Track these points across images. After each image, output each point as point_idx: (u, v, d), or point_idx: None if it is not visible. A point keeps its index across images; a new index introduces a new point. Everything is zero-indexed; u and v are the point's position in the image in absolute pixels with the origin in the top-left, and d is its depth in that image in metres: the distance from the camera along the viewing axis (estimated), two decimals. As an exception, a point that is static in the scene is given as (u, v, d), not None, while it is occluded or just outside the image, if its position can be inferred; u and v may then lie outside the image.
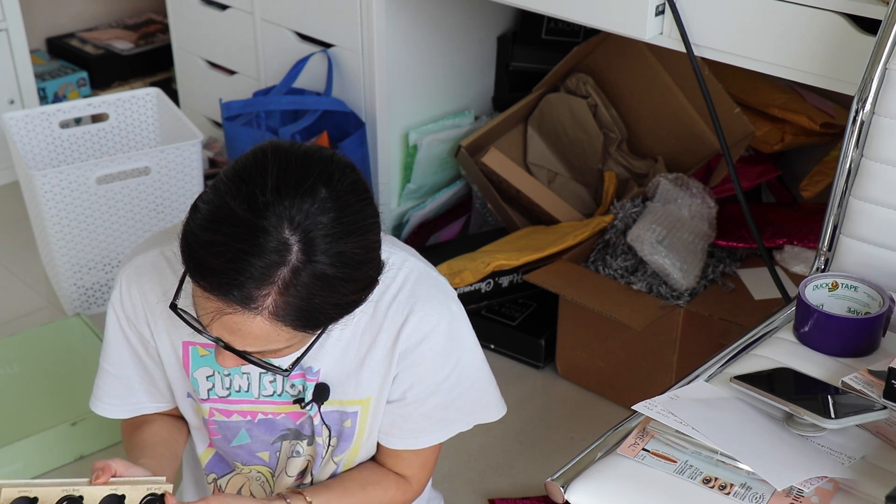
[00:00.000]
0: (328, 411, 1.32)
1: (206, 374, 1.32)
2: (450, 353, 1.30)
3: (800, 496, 1.07)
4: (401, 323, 1.26)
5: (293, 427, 1.34)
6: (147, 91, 2.63)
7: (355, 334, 1.27)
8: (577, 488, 1.14)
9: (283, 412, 1.33)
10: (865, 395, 1.18)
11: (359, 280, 1.11)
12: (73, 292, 2.40)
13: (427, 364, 1.29)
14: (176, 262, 1.18)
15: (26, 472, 1.97)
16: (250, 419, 1.34)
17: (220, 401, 1.33)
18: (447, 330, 1.28)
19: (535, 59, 2.53)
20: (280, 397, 1.32)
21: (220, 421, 1.34)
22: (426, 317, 1.26)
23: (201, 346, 1.30)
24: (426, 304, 1.26)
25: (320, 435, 1.33)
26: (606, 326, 2.08)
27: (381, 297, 1.26)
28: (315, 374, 1.29)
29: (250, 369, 1.31)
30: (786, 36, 1.62)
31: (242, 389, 1.32)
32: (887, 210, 1.38)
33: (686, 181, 2.21)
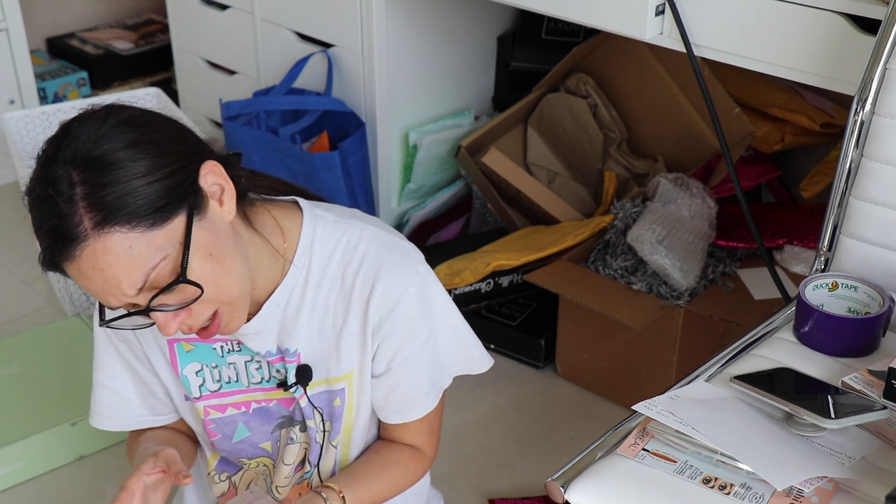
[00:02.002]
0: (316, 393, 1.31)
1: (195, 369, 1.32)
2: (425, 316, 1.29)
3: (800, 496, 1.06)
4: (368, 293, 1.25)
5: (287, 414, 1.34)
6: (147, 91, 2.63)
7: (327, 309, 1.27)
8: (577, 488, 1.14)
9: (274, 398, 1.33)
10: (865, 395, 1.18)
11: (167, 151, 1.10)
12: (73, 292, 2.40)
13: (404, 331, 1.28)
14: None
15: (26, 472, 1.97)
16: (245, 410, 1.34)
17: (213, 395, 1.33)
18: (417, 293, 1.27)
19: (535, 59, 2.53)
20: (268, 383, 1.32)
21: (216, 418, 1.34)
22: (393, 283, 1.25)
23: (185, 341, 1.30)
24: (391, 272, 1.26)
25: (311, 418, 1.32)
26: (606, 326, 2.08)
27: (345, 268, 1.26)
28: (294, 356, 1.28)
29: (235, 359, 1.30)
30: (786, 36, 1.62)
31: (232, 380, 1.32)
32: (887, 210, 1.38)
33: (686, 181, 2.21)
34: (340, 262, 1.26)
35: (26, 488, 1.96)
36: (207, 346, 1.31)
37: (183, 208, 1.10)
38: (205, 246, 1.11)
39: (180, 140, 1.14)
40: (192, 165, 1.12)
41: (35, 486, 1.97)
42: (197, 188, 1.12)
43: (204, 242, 1.11)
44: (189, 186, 1.11)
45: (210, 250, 1.12)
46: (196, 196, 1.11)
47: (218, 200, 1.14)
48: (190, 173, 1.11)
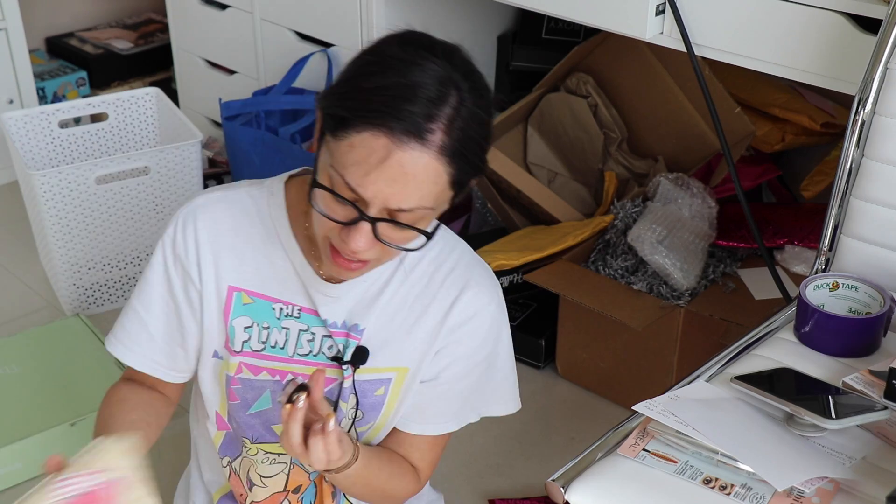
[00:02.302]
0: (361, 380, 1.31)
1: (245, 324, 1.30)
2: (490, 337, 1.33)
3: (800, 496, 1.06)
4: (455, 297, 1.30)
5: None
6: (146, 91, 2.63)
7: (406, 301, 1.30)
8: (578, 489, 1.14)
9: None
10: (866, 396, 1.18)
11: (488, 143, 1.17)
12: (73, 292, 2.40)
13: (469, 343, 1.31)
14: (265, 201, 1.29)
15: (26, 472, 1.97)
16: (278, 379, 1.32)
17: (253, 355, 1.31)
18: (494, 313, 1.32)
19: (535, 58, 2.53)
20: (315, 358, 1.31)
21: (246, 379, 1.32)
22: (479, 294, 1.30)
23: (246, 293, 1.29)
24: (480, 284, 1.31)
25: (346, 400, 1.32)
26: (607, 326, 2.08)
27: (437, 269, 1.30)
28: (360, 333, 1.29)
29: (290, 325, 1.30)
30: (786, 35, 1.61)
31: (278, 345, 1.31)
32: (888, 210, 1.37)
33: (686, 181, 2.21)
34: (433, 262, 1.30)
35: (26, 488, 1.94)
36: (267, 304, 1.30)
37: (459, 190, 1.17)
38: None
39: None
40: (483, 170, 1.20)
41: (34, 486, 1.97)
42: (468, 186, 1.20)
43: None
44: (472, 178, 1.18)
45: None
46: (465, 190, 1.20)
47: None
48: (479, 174, 1.19)
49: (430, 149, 1.09)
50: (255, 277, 1.30)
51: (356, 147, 1.10)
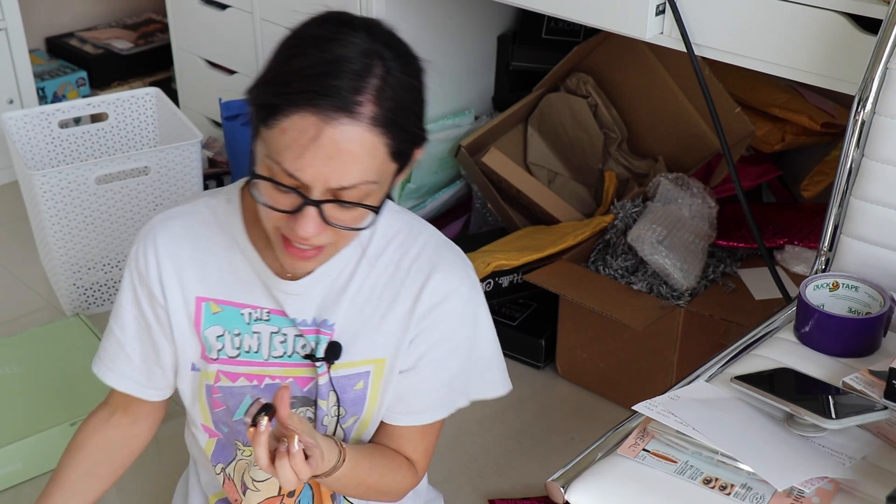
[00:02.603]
0: (338, 376, 1.30)
1: (217, 333, 1.30)
2: (465, 319, 1.31)
3: (800, 496, 1.06)
4: (423, 282, 1.28)
5: (300, 395, 1.33)
6: (146, 91, 2.63)
7: (374, 291, 1.28)
8: (578, 489, 1.13)
9: (291, 376, 1.32)
10: (866, 396, 1.17)
11: (423, 110, 1.17)
12: (73, 292, 2.40)
13: (443, 327, 1.30)
14: (222, 209, 1.28)
15: (26, 472, 1.97)
16: (256, 384, 1.32)
17: (229, 362, 1.31)
18: (466, 294, 1.30)
19: (535, 58, 2.53)
20: (290, 359, 1.31)
21: (225, 387, 1.33)
22: (448, 277, 1.28)
23: (214, 302, 1.29)
24: (449, 267, 1.29)
25: (325, 398, 1.31)
26: (607, 326, 2.08)
27: (403, 256, 1.28)
28: (330, 329, 1.28)
29: (261, 328, 1.30)
30: (786, 35, 1.61)
31: (252, 350, 1.31)
32: (888, 210, 1.37)
33: (686, 181, 2.21)
34: (399, 249, 1.29)
35: (26, 488, 1.96)
36: (235, 310, 1.30)
37: (401, 161, 1.16)
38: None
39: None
40: (424, 138, 1.19)
41: (34, 486, 1.97)
42: (411, 156, 1.18)
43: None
44: (413, 150, 1.18)
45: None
46: (408, 161, 1.18)
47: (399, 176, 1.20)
48: (420, 143, 1.19)
49: (361, 121, 1.08)
50: (221, 285, 1.29)
51: (287, 131, 1.09)
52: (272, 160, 1.11)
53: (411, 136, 1.15)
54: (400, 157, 1.15)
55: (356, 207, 1.13)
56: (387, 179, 1.16)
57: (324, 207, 1.12)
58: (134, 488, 1.92)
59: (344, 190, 1.11)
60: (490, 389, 1.40)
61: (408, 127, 1.14)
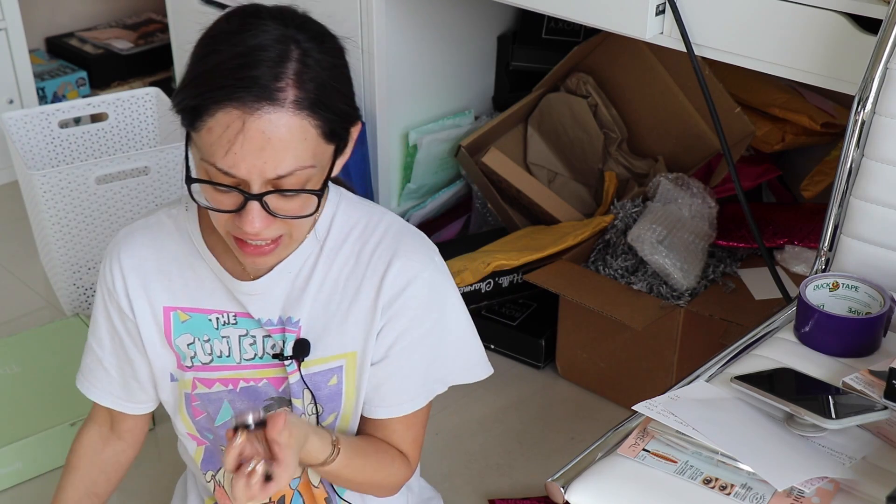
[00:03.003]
0: (310, 373, 1.30)
1: (187, 341, 1.31)
2: (432, 304, 1.30)
3: (800, 496, 1.06)
4: (383, 271, 1.27)
5: (276, 395, 1.33)
6: (146, 91, 2.63)
7: (337, 284, 1.27)
8: (578, 489, 1.13)
9: (264, 377, 1.32)
10: (866, 396, 1.17)
11: (351, 88, 1.17)
12: (73, 292, 2.40)
13: (410, 314, 1.28)
14: (182, 217, 1.29)
15: (26, 472, 1.97)
16: (232, 388, 1.32)
17: (203, 368, 1.32)
18: (430, 279, 1.29)
19: (535, 58, 2.53)
20: (261, 360, 1.31)
21: (202, 394, 1.33)
22: (408, 263, 1.27)
23: (182, 310, 1.30)
24: (409, 253, 1.28)
25: (298, 397, 1.30)
26: (607, 326, 2.08)
27: (363, 246, 1.28)
28: (295, 326, 1.28)
29: (230, 332, 1.30)
30: (786, 35, 1.61)
31: (224, 355, 1.31)
32: (888, 210, 1.37)
33: (686, 181, 2.21)
34: (358, 240, 1.28)
35: (26, 488, 1.96)
36: (203, 317, 1.30)
37: (337, 143, 1.17)
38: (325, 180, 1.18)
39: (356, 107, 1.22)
40: (357, 116, 1.20)
41: (34, 486, 1.97)
42: (348, 136, 1.19)
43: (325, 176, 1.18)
44: (348, 129, 1.18)
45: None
46: (345, 141, 1.19)
47: (341, 159, 1.21)
48: (354, 121, 1.19)
49: (284, 107, 1.08)
50: (186, 293, 1.30)
51: (214, 129, 1.09)
52: (206, 162, 1.12)
53: (340, 114, 1.15)
54: (333, 137, 1.14)
55: (298, 195, 1.13)
56: (325, 162, 1.15)
57: (265, 200, 1.12)
58: (134, 488, 1.92)
59: (282, 179, 1.11)
60: (468, 374, 1.38)
61: (334, 106, 1.13)
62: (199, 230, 1.29)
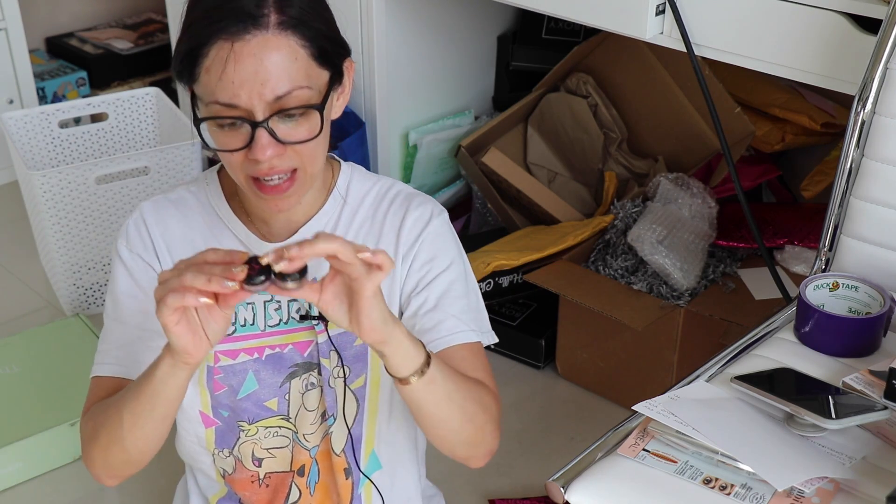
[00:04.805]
0: (336, 333, 1.31)
1: None
2: (451, 241, 1.35)
3: (800, 496, 1.06)
4: (399, 223, 1.32)
5: (301, 361, 1.33)
6: (146, 91, 2.63)
7: (356, 241, 1.26)
8: (578, 489, 1.13)
9: (290, 342, 1.32)
10: (866, 396, 1.17)
11: (333, 21, 1.21)
12: (73, 292, 2.40)
13: (432, 248, 1.32)
14: (203, 192, 1.32)
15: (26, 472, 1.97)
16: (257, 356, 1.32)
17: (226, 339, 1.31)
18: (444, 222, 1.35)
19: (535, 58, 2.53)
20: (287, 325, 1.32)
21: (226, 366, 1.32)
22: (422, 211, 1.33)
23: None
24: (422, 202, 1.34)
25: (326, 357, 1.31)
26: (607, 326, 2.08)
27: (378, 205, 1.33)
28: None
29: (255, 298, 1.30)
30: (786, 35, 1.61)
31: (248, 323, 1.32)
32: (888, 210, 1.37)
33: (686, 181, 2.21)
34: (374, 201, 1.33)
35: (26, 488, 1.96)
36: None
37: (330, 70, 1.19)
38: (327, 113, 1.20)
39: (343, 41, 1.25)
40: (346, 49, 1.23)
41: (35, 486, 1.97)
42: (342, 68, 1.22)
43: (327, 111, 1.20)
44: (339, 60, 1.21)
45: (327, 119, 1.21)
46: (340, 73, 1.22)
47: (338, 94, 1.23)
48: (343, 52, 1.22)
49: (268, 29, 1.12)
50: None
51: (210, 70, 1.13)
52: (210, 102, 1.15)
53: (327, 37, 1.18)
54: (325, 60, 1.17)
55: (302, 114, 1.16)
56: (321, 86, 1.18)
57: (273, 125, 1.14)
58: (134, 488, 1.92)
59: (281, 100, 1.14)
60: (488, 334, 1.38)
61: (318, 27, 1.16)
62: (225, 200, 1.32)
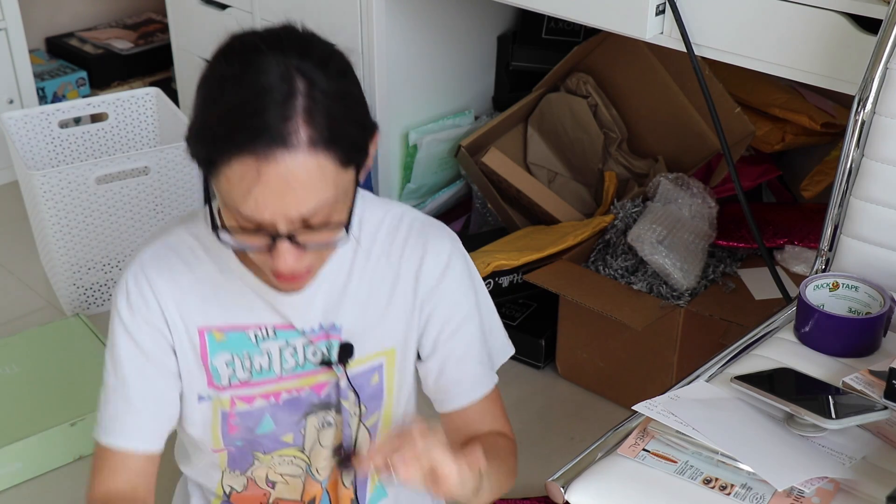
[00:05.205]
0: (353, 374, 1.29)
1: (225, 359, 1.28)
2: (467, 287, 1.32)
3: (800, 496, 1.06)
4: (417, 266, 1.28)
5: (318, 401, 1.31)
6: (146, 91, 2.63)
7: (373, 284, 1.28)
8: (578, 489, 1.13)
9: (307, 385, 1.30)
10: (866, 396, 1.17)
11: (363, 105, 1.13)
12: (73, 292, 2.40)
13: (450, 301, 1.30)
14: (206, 234, 1.23)
15: (26, 472, 1.97)
16: (274, 401, 1.30)
17: (243, 385, 1.29)
18: (460, 265, 1.31)
19: (535, 58, 2.53)
20: (303, 368, 1.29)
21: (242, 411, 1.30)
22: (440, 255, 1.29)
23: (217, 329, 1.27)
24: (438, 240, 1.30)
25: (346, 398, 1.30)
26: (607, 326, 2.08)
27: (392, 243, 1.29)
28: (338, 331, 1.27)
29: (270, 346, 1.28)
30: (786, 35, 1.61)
31: (264, 369, 1.29)
32: (888, 210, 1.37)
33: (686, 181, 2.21)
34: (387, 236, 1.29)
35: (26, 488, 1.96)
36: (241, 334, 1.28)
37: (357, 166, 1.13)
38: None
39: (372, 121, 1.17)
40: (374, 129, 1.15)
41: (35, 486, 1.97)
42: (367, 151, 1.14)
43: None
44: (366, 144, 1.14)
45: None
46: (365, 155, 1.14)
47: (363, 172, 1.17)
48: (371, 135, 1.15)
49: (299, 149, 1.04)
50: (222, 311, 1.27)
51: (232, 180, 1.06)
52: (228, 208, 1.09)
53: (356, 140, 1.11)
54: (351, 162, 1.11)
55: (328, 227, 1.11)
56: (347, 186, 1.12)
57: (296, 237, 1.10)
58: (134, 488, 1.92)
59: (306, 216, 1.08)
60: (505, 350, 1.40)
61: (349, 134, 1.09)
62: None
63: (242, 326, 1.27)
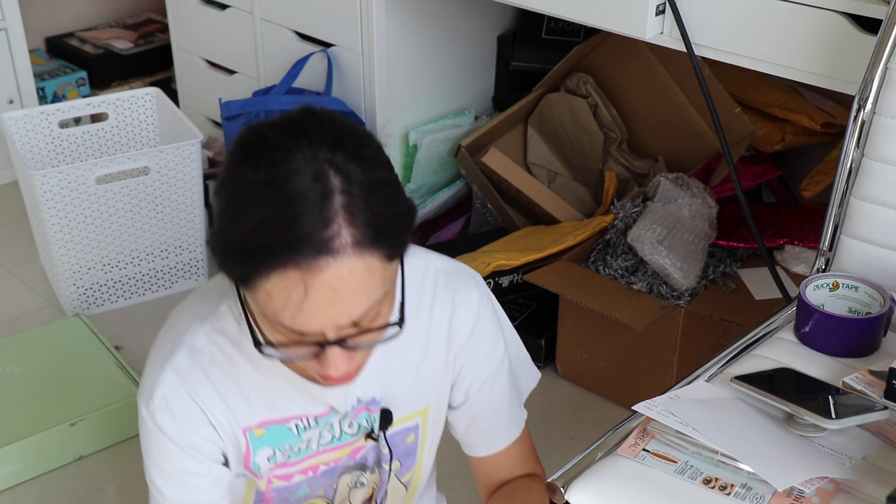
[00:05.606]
0: (390, 434, 1.26)
1: (267, 455, 1.22)
2: (497, 334, 1.29)
3: (800, 496, 1.06)
4: (448, 322, 1.23)
5: (353, 463, 1.28)
6: (146, 91, 2.63)
7: (406, 348, 1.22)
8: (578, 488, 1.13)
9: (343, 455, 1.26)
10: (866, 396, 1.17)
11: (400, 189, 1.04)
12: (73, 292, 2.40)
13: (482, 353, 1.27)
14: (235, 332, 1.14)
15: (26, 472, 1.97)
16: (312, 474, 1.26)
17: (280, 466, 1.23)
18: (488, 313, 1.27)
19: (535, 58, 2.53)
20: (340, 440, 1.25)
21: (279, 487, 1.26)
22: (469, 298, 1.24)
23: (256, 427, 1.21)
24: (464, 289, 1.24)
25: (387, 462, 1.28)
26: (607, 326, 2.08)
27: (419, 303, 1.22)
28: (377, 404, 1.24)
29: (311, 435, 1.23)
30: (786, 35, 1.61)
31: (302, 450, 1.24)
32: (888, 210, 1.37)
33: (686, 181, 2.21)
34: (414, 294, 1.20)
35: (26, 489, 1.96)
36: (282, 427, 1.21)
37: (402, 251, 1.05)
38: None
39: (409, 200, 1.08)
40: (413, 211, 1.05)
41: (35, 486, 1.97)
42: (407, 237, 1.05)
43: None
44: (408, 231, 1.05)
45: None
46: (407, 244, 1.05)
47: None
48: (412, 217, 1.05)
49: (344, 253, 0.95)
50: (265, 406, 1.20)
51: (273, 295, 0.97)
52: (269, 320, 1.01)
53: (400, 231, 1.02)
54: (396, 255, 1.02)
55: (374, 327, 1.04)
56: (394, 279, 1.05)
57: (345, 341, 1.02)
58: (134, 488, 1.92)
59: (356, 320, 1.00)
60: (530, 381, 1.41)
61: (393, 227, 1.00)
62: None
63: (284, 419, 1.21)
